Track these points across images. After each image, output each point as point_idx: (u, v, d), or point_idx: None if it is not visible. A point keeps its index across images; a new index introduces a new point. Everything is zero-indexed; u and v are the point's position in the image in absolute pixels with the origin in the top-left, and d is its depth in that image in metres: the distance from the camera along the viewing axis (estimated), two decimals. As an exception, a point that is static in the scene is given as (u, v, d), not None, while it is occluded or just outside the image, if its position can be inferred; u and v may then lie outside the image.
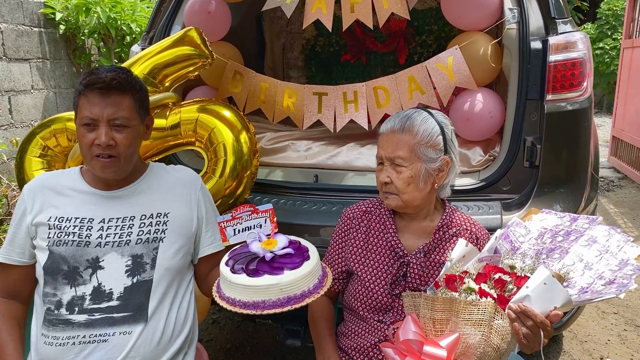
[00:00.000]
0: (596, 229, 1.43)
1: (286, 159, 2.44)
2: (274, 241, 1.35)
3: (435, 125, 1.49)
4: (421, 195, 1.51)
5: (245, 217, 1.43)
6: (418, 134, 1.47)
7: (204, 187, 1.71)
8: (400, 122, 1.49)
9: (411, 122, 1.48)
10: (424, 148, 1.47)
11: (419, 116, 1.50)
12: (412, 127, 1.47)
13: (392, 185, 1.50)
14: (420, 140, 1.47)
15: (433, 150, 1.48)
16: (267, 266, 1.30)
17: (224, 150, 2.07)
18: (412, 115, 1.50)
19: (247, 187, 2.09)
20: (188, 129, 2.13)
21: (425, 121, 1.49)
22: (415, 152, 1.47)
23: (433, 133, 1.48)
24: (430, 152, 1.48)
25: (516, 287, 1.30)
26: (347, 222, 1.64)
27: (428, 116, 1.51)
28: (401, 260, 1.53)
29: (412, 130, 1.47)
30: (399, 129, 1.48)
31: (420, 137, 1.47)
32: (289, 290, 1.26)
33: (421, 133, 1.47)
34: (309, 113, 2.37)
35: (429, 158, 1.47)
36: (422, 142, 1.47)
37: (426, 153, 1.47)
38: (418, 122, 1.49)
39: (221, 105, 2.21)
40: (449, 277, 1.35)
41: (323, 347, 1.59)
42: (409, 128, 1.48)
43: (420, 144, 1.47)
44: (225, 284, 1.33)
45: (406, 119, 1.49)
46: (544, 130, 2.01)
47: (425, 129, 1.48)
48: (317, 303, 1.65)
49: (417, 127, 1.48)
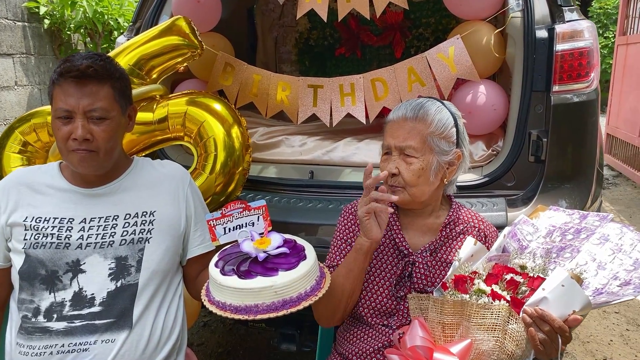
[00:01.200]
0: (608, 226, 1.36)
1: (280, 154, 2.36)
2: (268, 240, 1.26)
3: (449, 116, 1.42)
4: (430, 190, 1.42)
5: (237, 215, 1.34)
6: (432, 124, 1.38)
7: (192, 184, 1.61)
8: (413, 109, 1.40)
9: (425, 111, 1.39)
10: (437, 139, 1.39)
11: (433, 105, 1.42)
12: (426, 115, 1.39)
13: (400, 178, 1.39)
14: (434, 131, 1.39)
15: (446, 142, 1.40)
16: (260, 267, 1.21)
17: (215, 145, 1.98)
18: (425, 104, 1.42)
19: (239, 184, 2.01)
20: (176, 122, 2.03)
21: (439, 111, 1.41)
22: (428, 143, 1.38)
23: (447, 124, 1.40)
24: (443, 143, 1.40)
25: (529, 288, 1.22)
26: (349, 218, 1.55)
27: (442, 106, 1.43)
28: (406, 260, 1.44)
29: (426, 119, 1.39)
30: (412, 117, 1.39)
31: (434, 127, 1.38)
32: (284, 292, 1.17)
33: (435, 123, 1.39)
34: (303, 107, 2.31)
35: (441, 150, 1.39)
36: (435, 133, 1.39)
37: (439, 144, 1.39)
38: (432, 111, 1.40)
39: (211, 98, 2.11)
40: (458, 278, 1.26)
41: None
42: (422, 117, 1.39)
43: (434, 135, 1.38)
44: (214, 286, 1.23)
45: (419, 107, 1.40)
46: (550, 123, 1.94)
47: (440, 118, 1.39)
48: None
49: (432, 116, 1.39)
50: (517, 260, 1.32)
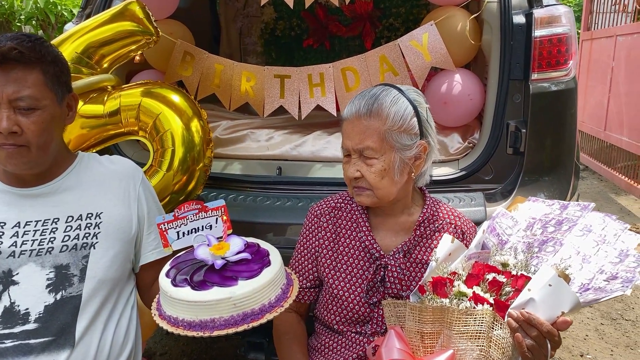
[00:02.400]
0: (590, 216, 1.29)
1: (245, 150, 2.25)
2: (226, 245, 1.13)
3: (407, 105, 1.27)
4: (397, 189, 1.30)
5: (191, 217, 1.20)
6: (388, 119, 1.24)
7: (145, 182, 1.46)
8: (366, 104, 1.26)
9: (379, 105, 1.25)
10: (396, 134, 1.25)
11: (388, 96, 1.27)
12: (380, 110, 1.25)
13: (363, 180, 1.28)
14: (391, 126, 1.25)
15: (407, 136, 1.27)
16: (217, 276, 1.07)
17: (172, 139, 1.87)
18: (379, 95, 1.27)
19: (199, 182, 1.89)
20: (129, 115, 1.91)
21: (395, 101, 1.26)
22: (387, 141, 1.25)
23: (406, 115, 1.26)
24: (404, 138, 1.26)
25: (513, 289, 1.13)
26: (314, 221, 1.42)
27: (398, 95, 1.28)
28: (377, 263, 1.33)
29: (380, 114, 1.25)
30: (366, 114, 1.25)
31: (391, 121, 1.25)
32: (245, 305, 1.04)
33: (392, 117, 1.25)
34: (270, 98, 2.21)
35: (403, 145, 1.26)
36: (393, 128, 1.25)
37: (399, 140, 1.26)
38: (387, 103, 1.26)
39: (168, 88, 1.98)
40: (436, 280, 1.16)
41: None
42: (377, 112, 1.25)
43: (392, 130, 1.25)
44: (165, 299, 1.08)
45: (373, 101, 1.26)
46: (529, 113, 1.87)
47: (396, 111, 1.25)
48: (284, 321, 1.43)
49: (387, 109, 1.25)
50: (498, 257, 1.23)
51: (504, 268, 1.19)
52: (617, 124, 6.17)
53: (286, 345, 1.39)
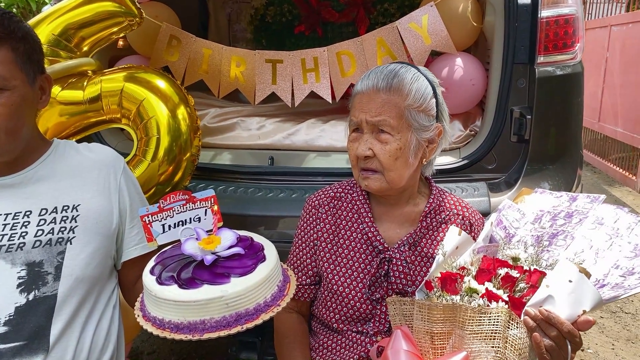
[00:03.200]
0: (601, 208, 1.24)
1: (235, 139, 2.17)
2: (217, 239, 1.03)
3: (427, 84, 1.21)
4: (408, 173, 1.22)
5: (178, 208, 1.10)
6: (409, 95, 1.17)
7: (127, 171, 1.36)
8: (386, 78, 1.18)
9: (400, 80, 1.18)
10: (415, 113, 1.18)
11: (408, 73, 1.20)
12: (401, 85, 1.18)
13: (374, 160, 1.19)
14: (411, 103, 1.18)
15: (425, 116, 1.20)
16: (207, 273, 0.98)
17: (157, 127, 1.79)
18: (399, 72, 1.20)
19: (186, 173, 1.80)
20: (111, 102, 1.81)
21: (416, 79, 1.20)
22: (405, 118, 1.18)
23: (426, 94, 1.20)
24: (423, 118, 1.20)
25: (528, 285, 1.06)
26: (313, 212, 1.33)
27: (418, 73, 1.21)
28: (381, 256, 1.24)
29: (401, 90, 1.18)
30: (385, 88, 1.18)
31: (412, 99, 1.18)
32: (238, 304, 0.95)
33: (413, 94, 1.18)
34: (261, 84, 2.12)
35: (420, 125, 1.20)
36: (413, 106, 1.18)
37: (418, 119, 1.19)
38: (408, 79, 1.19)
39: (153, 73, 1.89)
40: (445, 276, 1.08)
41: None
42: (397, 87, 1.18)
43: (412, 108, 1.18)
44: (150, 299, 0.98)
45: (393, 76, 1.19)
46: (535, 98, 1.81)
47: (417, 88, 1.19)
48: (284, 322, 1.34)
49: (408, 85, 1.18)
50: (508, 251, 1.17)
51: (515, 262, 1.12)
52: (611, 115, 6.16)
53: (287, 350, 1.30)
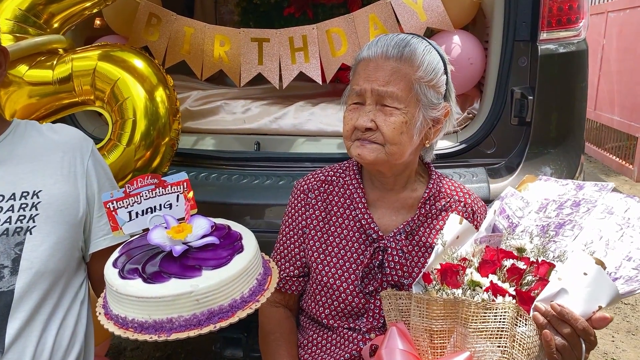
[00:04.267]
0: (609, 197, 1.17)
1: (219, 123, 2.08)
2: (188, 227, 0.93)
3: (439, 59, 1.13)
4: (410, 151, 1.13)
5: (147, 194, 1.00)
6: (421, 67, 1.09)
7: (95, 154, 1.25)
8: (397, 46, 1.09)
9: (412, 50, 1.09)
10: (425, 87, 1.10)
11: (420, 44, 1.11)
12: (413, 55, 1.09)
13: (376, 133, 1.09)
14: (422, 77, 1.09)
15: (435, 93, 1.11)
16: (175, 265, 0.88)
17: (133, 109, 1.69)
18: (411, 41, 1.11)
19: (165, 158, 1.70)
20: (83, 82, 1.71)
21: (428, 52, 1.11)
22: (415, 92, 1.09)
23: (437, 70, 1.11)
24: (432, 94, 1.11)
25: (536, 278, 0.97)
26: (301, 198, 1.23)
27: (430, 46, 1.13)
28: (375, 245, 1.14)
29: (413, 61, 1.09)
30: (396, 56, 1.08)
31: (423, 71, 1.09)
32: (210, 300, 0.85)
33: (425, 66, 1.09)
34: (247, 65, 2.02)
35: (429, 102, 1.11)
36: (424, 79, 1.09)
37: (427, 95, 1.10)
38: (420, 51, 1.10)
39: (130, 52, 1.78)
40: (446, 267, 0.99)
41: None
42: (409, 56, 1.09)
43: (422, 82, 1.09)
44: (112, 295, 0.88)
45: (405, 44, 1.10)
46: (537, 77, 1.71)
47: (429, 61, 1.10)
48: (270, 317, 1.24)
49: (420, 57, 1.09)
50: (512, 241, 1.09)
51: (520, 254, 1.05)
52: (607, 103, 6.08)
53: (272, 347, 1.20)
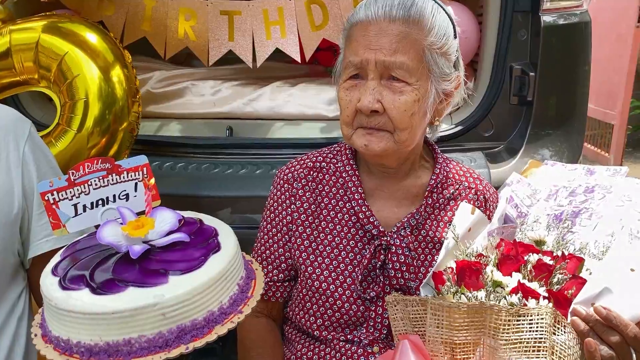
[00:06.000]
0: (624, 182, 1.09)
1: (185, 106, 1.96)
2: (150, 221, 0.76)
3: (448, 21, 0.97)
4: (421, 133, 0.99)
5: (96, 182, 0.82)
6: (432, 31, 0.93)
7: (35, 138, 1.08)
8: (401, 6, 0.92)
9: (419, 10, 0.92)
10: (437, 55, 0.94)
11: (428, 2, 0.94)
12: (422, 17, 0.92)
13: (383, 117, 0.93)
14: (434, 42, 0.93)
15: (447, 62, 0.96)
16: (134, 270, 0.71)
17: (85, 89, 1.54)
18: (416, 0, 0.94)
19: (123, 146, 1.58)
20: (24, 58, 1.56)
21: (437, 11, 0.95)
22: (426, 62, 0.93)
23: (449, 33, 0.96)
24: (444, 63, 0.95)
25: (567, 276, 0.85)
26: (286, 188, 1.06)
27: (437, 5, 0.96)
28: (376, 243, 0.99)
29: (422, 23, 0.92)
30: (403, 17, 0.91)
31: (434, 36, 0.93)
32: (181, 315, 0.68)
33: (436, 30, 0.93)
34: (216, 42, 1.89)
35: (442, 73, 0.95)
36: (435, 45, 0.93)
37: (439, 64, 0.94)
38: (429, 11, 0.93)
39: (81, 24, 1.64)
40: (463, 265, 0.85)
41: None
42: (417, 18, 0.92)
43: (433, 48, 0.93)
44: (51, 312, 0.70)
45: (411, 4, 0.93)
46: (540, 51, 1.62)
47: (440, 24, 0.94)
48: (250, 329, 1.07)
49: (430, 18, 0.93)
50: (530, 232, 0.98)
51: (540, 247, 0.94)
52: (583, 90, 6.13)
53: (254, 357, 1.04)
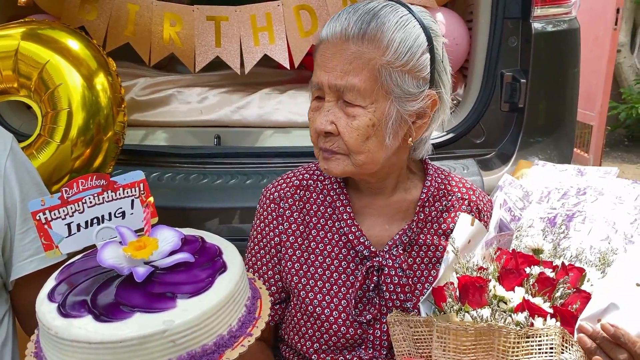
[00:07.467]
0: (616, 184, 1.10)
1: (171, 114, 1.96)
2: (152, 242, 0.74)
3: (419, 33, 0.90)
4: (386, 156, 0.94)
5: (91, 200, 0.81)
6: (390, 48, 0.88)
7: (17, 153, 1.07)
8: (359, 21, 0.88)
9: (378, 24, 0.88)
10: (398, 74, 0.89)
11: (394, 14, 0.90)
12: (380, 33, 0.88)
13: (337, 139, 0.91)
14: (392, 60, 0.88)
15: (413, 80, 0.90)
16: (139, 294, 0.69)
17: (68, 98, 1.53)
18: (379, 12, 0.90)
19: (109, 157, 1.58)
20: (3, 66, 1.54)
21: (403, 24, 0.89)
22: (383, 82, 0.89)
23: (416, 48, 0.89)
24: (408, 81, 0.90)
25: (570, 290, 0.84)
26: (273, 208, 1.04)
27: (408, 15, 0.91)
28: (368, 264, 0.97)
29: (379, 40, 0.88)
30: (357, 35, 0.88)
31: (393, 53, 0.88)
32: (191, 340, 0.66)
33: (396, 46, 0.88)
34: (202, 47, 1.90)
35: (404, 93, 0.90)
36: (395, 64, 0.88)
37: (401, 83, 0.89)
38: (391, 25, 0.88)
39: (62, 30, 1.63)
40: (466, 281, 0.83)
41: None
42: (373, 34, 0.88)
43: (393, 67, 0.88)
44: (48, 341, 0.68)
45: (371, 18, 0.89)
46: (531, 58, 1.65)
47: (403, 38, 0.88)
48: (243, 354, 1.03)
49: (389, 33, 0.88)
50: (527, 240, 0.97)
51: (538, 256, 0.93)
52: (563, 92, 6.29)
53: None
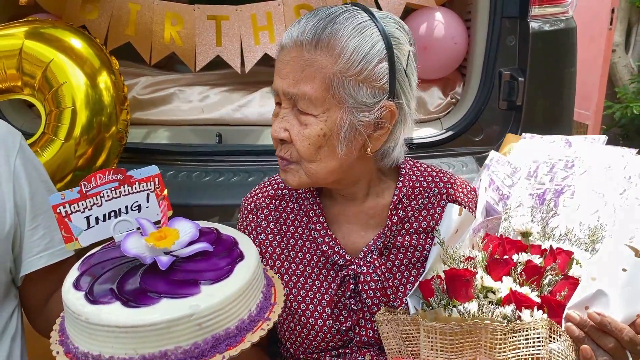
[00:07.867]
0: (605, 152, 1.04)
1: (173, 113, 1.96)
2: (173, 232, 0.76)
3: (377, 40, 0.88)
4: (340, 166, 0.92)
5: (108, 194, 0.82)
6: (342, 56, 0.86)
7: (26, 151, 1.07)
8: (314, 28, 0.87)
9: (333, 31, 0.87)
10: (350, 83, 0.87)
11: (351, 20, 0.88)
12: (333, 40, 0.86)
13: (291, 147, 0.90)
14: (345, 69, 0.86)
15: (367, 89, 0.88)
16: (163, 281, 0.72)
17: (72, 97, 1.54)
18: (337, 17, 0.88)
19: (112, 155, 1.59)
20: (7, 65, 1.54)
21: (359, 31, 0.87)
22: (335, 91, 0.87)
23: (371, 56, 0.87)
24: (362, 91, 0.88)
25: (558, 276, 0.82)
26: (251, 218, 1.05)
27: (368, 21, 0.89)
28: (343, 273, 0.97)
29: (332, 47, 0.86)
30: (310, 43, 0.87)
31: (345, 61, 0.86)
32: (216, 324, 0.68)
33: (349, 54, 0.86)
34: (203, 46, 1.91)
35: (357, 103, 0.88)
36: (348, 73, 0.86)
37: (354, 93, 0.87)
38: (346, 31, 0.87)
39: (65, 28, 1.64)
40: (452, 274, 0.82)
41: None
42: (327, 42, 0.86)
43: (345, 76, 0.86)
44: (77, 327, 0.70)
45: (326, 24, 0.87)
46: (529, 57, 1.68)
47: (356, 46, 0.86)
48: None
49: (343, 41, 0.86)
50: (515, 222, 0.93)
51: (526, 239, 0.90)
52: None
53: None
